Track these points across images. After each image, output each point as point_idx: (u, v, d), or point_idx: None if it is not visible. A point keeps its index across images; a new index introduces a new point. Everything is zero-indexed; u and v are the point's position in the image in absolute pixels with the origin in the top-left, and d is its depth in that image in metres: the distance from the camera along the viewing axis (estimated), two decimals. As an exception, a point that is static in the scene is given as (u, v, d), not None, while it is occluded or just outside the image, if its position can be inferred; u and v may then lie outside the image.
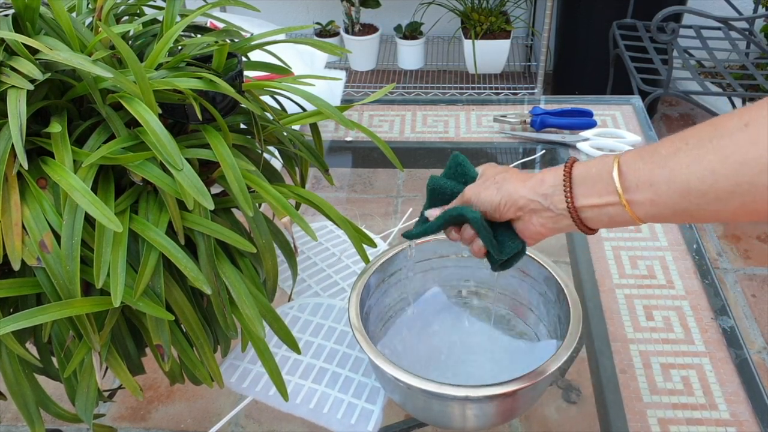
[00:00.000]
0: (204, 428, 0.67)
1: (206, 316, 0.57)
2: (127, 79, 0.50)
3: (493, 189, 0.58)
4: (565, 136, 1.06)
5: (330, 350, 0.71)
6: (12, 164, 0.48)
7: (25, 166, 0.46)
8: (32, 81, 0.49)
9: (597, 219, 0.53)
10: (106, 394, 0.62)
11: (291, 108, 0.74)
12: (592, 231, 0.55)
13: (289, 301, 0.77)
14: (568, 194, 0.53)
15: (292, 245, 0.64)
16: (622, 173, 0.50)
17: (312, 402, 0.66)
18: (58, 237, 0.48)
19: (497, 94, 2.39)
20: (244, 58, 0.66)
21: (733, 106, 2.22)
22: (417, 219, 0.66)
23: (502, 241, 0.59)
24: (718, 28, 2.10)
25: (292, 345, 0.57)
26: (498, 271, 0.62)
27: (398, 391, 0.61)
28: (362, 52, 2.49)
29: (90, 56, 0.51)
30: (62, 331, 0.51)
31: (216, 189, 0.58)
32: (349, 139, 1.10)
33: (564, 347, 0.58)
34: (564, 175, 0.54)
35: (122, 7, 0.65)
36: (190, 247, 0.52)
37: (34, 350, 0.55)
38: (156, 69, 0.55)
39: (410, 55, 2.50)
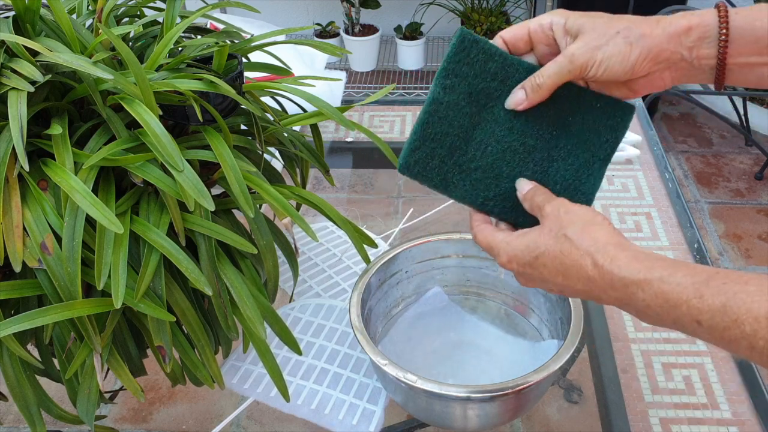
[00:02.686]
0: (205, 429, 0.67)
1: (207, 317, 0.57)
2: (127, 81, 0.50)
3: (621, 43, 0.47)
4: (565, 136, 1.06)
5: (331, 351, 0.71)
6: (13, 166, 0.48)
7: (26, 167, 0.46)
8: (33, 83, 0.49)
9: (742, 78, 0.46)
10: (107, 395, 0.62)
11: (291, 109, 0.74)
12: (722, 87, 0.47)
13: (290, 302, 0.77)
14: (723, 49, 0.45)
15: (293, 246, 0.64)
16: None
17: (313, 403, 0.66)
18: (59, 239, 0.48)
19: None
20: (244, 59, 0.66)
21: (734, 105, 2.22)
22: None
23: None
24: (719, 28, 2.10)
25: (293, 346, 0.57)
26: None
27: (400, 391, 0.61)
28: (362, 52, 2.49)
29: (90, 58, 0.51)
30: (63, 333, 0.51)
31: (217, 190, 0.58)
32: (349, 139, 1.10)
33: (565, 347, 0.58)
34: (721, 25, 0.44)
35: (122, 9, 0.65)
36: (191, 248, 0.52)
37: (35, 352, 0.55)
38: (156, 70, 0.55)
39: (410, 55, 2.50)
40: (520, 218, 0.55)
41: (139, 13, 0.66)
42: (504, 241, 0.51)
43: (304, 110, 0.72)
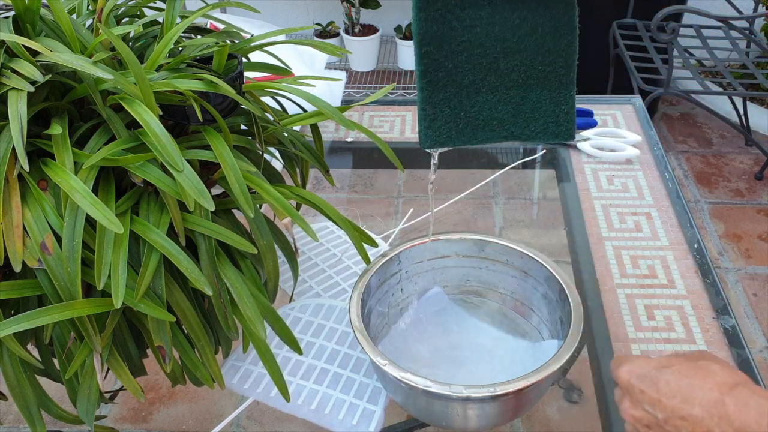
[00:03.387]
0: (205, 429, 0.67)
1: (207, 317, 0.57)
2: (127, 81, 0.50)
3: None
4: (565, 136, 1.06)
5: (331, 351, 0.71)
6: (13, 166, 0.48)
7: (26, 167, 0.46)
8: (33, 83, 0.49)
9: None
10: (107, 395, 0.62)
11: (291, 109, 0.74)
12: None
13: (290, 301, 0.77)
14: None
15: (293, 246, 0.64)
16: None
17: (313, 403, 0.66)
18: (59, 239, 0.48)
19: (497, 94, 2.39)
20: (244, 59, 0.66)
21: (734, 105, 2.22)
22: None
23: None
24: (719, 28, 2.10)
25: (294, 346, 0.57)
26: None
27: (400, 391, 0.61)
28: (362, 52, 2.49)
29: (90, 58, 0.51)
30: (63, 333, 0.51)
31: (217, 190, 0.58)
32: (349, 139, 1.10)
33: (565, 347, 0.58)
34: None
35: (122, 9, 0.65)
36: (191, 248, 0.52)
37: (35, 352, 0.55)
38: (156, 70, 0.55)
39: (410, 55, 2.50)
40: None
41: (139, 13, 0.66)
42: (634, 356, 0.51)
43: (304, 110, 0.72)
